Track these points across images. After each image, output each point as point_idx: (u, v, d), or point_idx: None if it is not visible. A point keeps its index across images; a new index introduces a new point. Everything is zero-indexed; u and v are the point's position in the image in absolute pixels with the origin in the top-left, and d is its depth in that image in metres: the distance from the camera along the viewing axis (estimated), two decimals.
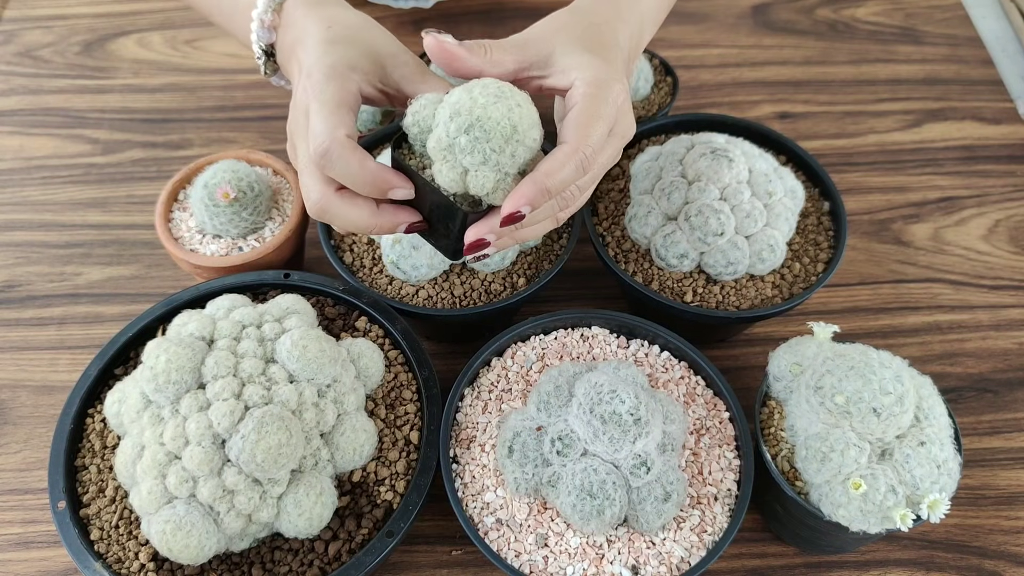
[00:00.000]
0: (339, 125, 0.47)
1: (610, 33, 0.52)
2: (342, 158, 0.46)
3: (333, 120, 0.47)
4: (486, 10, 0.99)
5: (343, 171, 0.47)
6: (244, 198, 0.67)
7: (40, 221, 0.80)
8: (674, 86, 0.80)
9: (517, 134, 0.45)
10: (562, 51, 0.49)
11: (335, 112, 0.47)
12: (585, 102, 0.47)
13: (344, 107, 0.48)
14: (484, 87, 0.46)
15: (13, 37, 0.95)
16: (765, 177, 0.64)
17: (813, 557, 0.61)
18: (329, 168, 0.47)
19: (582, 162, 0.46)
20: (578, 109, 0.47)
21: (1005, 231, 0.80)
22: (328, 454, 0.53)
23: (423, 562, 0.61)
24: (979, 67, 0.93)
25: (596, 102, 0.47)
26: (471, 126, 0.45)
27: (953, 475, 0.52)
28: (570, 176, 0.46)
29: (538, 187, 0.45)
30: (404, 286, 0.64)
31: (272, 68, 0.58)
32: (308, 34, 0.52)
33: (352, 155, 0.46)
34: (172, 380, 0.49)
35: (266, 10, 0.54)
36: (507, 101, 0.45)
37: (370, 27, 0.53)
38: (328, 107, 0.47)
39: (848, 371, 0.53)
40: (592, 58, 0.49)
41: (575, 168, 0.46)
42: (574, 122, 0.47)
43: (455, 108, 0.45)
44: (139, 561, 0.51)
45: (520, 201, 0.45)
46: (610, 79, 0.48)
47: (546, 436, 0.53)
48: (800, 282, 0.66)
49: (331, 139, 0.46)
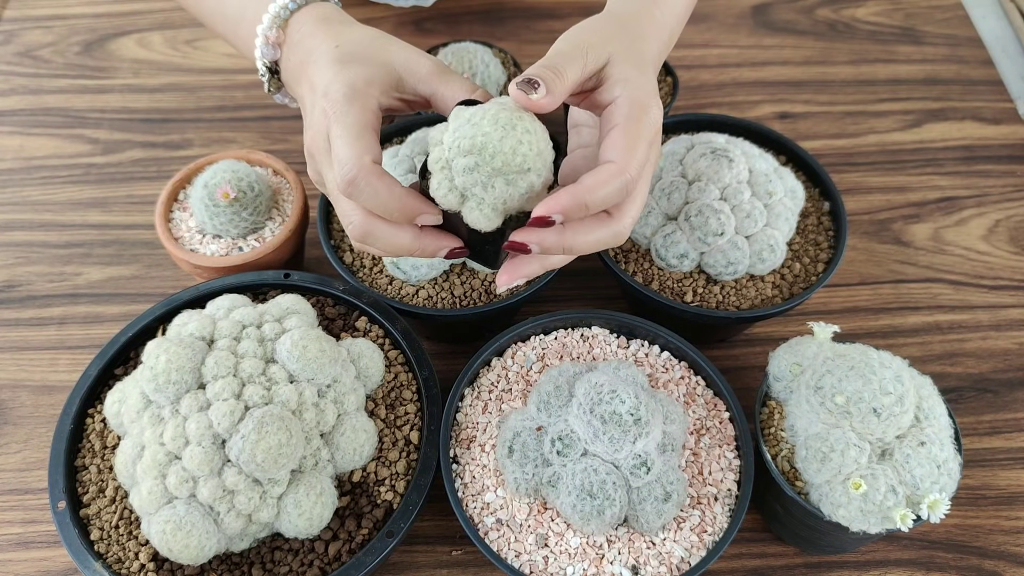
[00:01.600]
0: (365, 151, 0.45)
1: (647, 49, 0.51)
2: (370, 185, 0.45)
3: (359, 146, 0.46)
4: (486, 10, 0.99)
5: (371, 199, 0.45)
6: (244, 198, 0.67)
7: (40, 221, 0.80)
8: (674, 86, 0.80)
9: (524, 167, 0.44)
10: (614, 61, 0.48)
11: (360, 137, 0.46)
12: (629, 123, 0.46)
13: (368, 129, 0.47)
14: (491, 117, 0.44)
15: (13, 37, 0.95)
16: (765, 177, 0.64)
17: (813, 557, 0.61)
18: (356, 196, 0.46)
19: (627, 183, 0.45)
20: (622, 129, 0.46)
21: (1005, 231, 0.80)
22: (328, 454, 0.53)
23: (423, 562, 0.61)
24: (979, 67, 0.93)
25: (640, 125, 0.46)
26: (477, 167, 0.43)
27: (953, 475, 0.52)
28: (613, 195, 0.45)
29: (576, 200, 0.44)
30: (404, 286, 0.64)
31: (276, 86, 0.57)
32: (318, 53, 0.51)
33: (379, 182, 0.45)
34: (172, 380, 0.49)
35: (271, 26, 0.53)
36: (514, 134, 0.43)
37: (379, 39, 0.52)
38: (352, 131, 0.46)
39: (848, 371, 0.53)
40: (636, 74, 0.48)
41: (619, 188, 0.45)
42: (620, 143, 0.45)
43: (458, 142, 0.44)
44: (139, 561, 0.51)
45: (554, 208, 0.44)
46: (650, 101, 0.47)
47: (546, 436, 0.53)
48: (800, 282, 0.66)
49: (358, 167, 0.45)
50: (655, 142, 0.48)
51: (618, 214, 0.47)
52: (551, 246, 0.46)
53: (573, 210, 0.44)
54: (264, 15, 0.53)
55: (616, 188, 0.45)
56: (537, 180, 0.45)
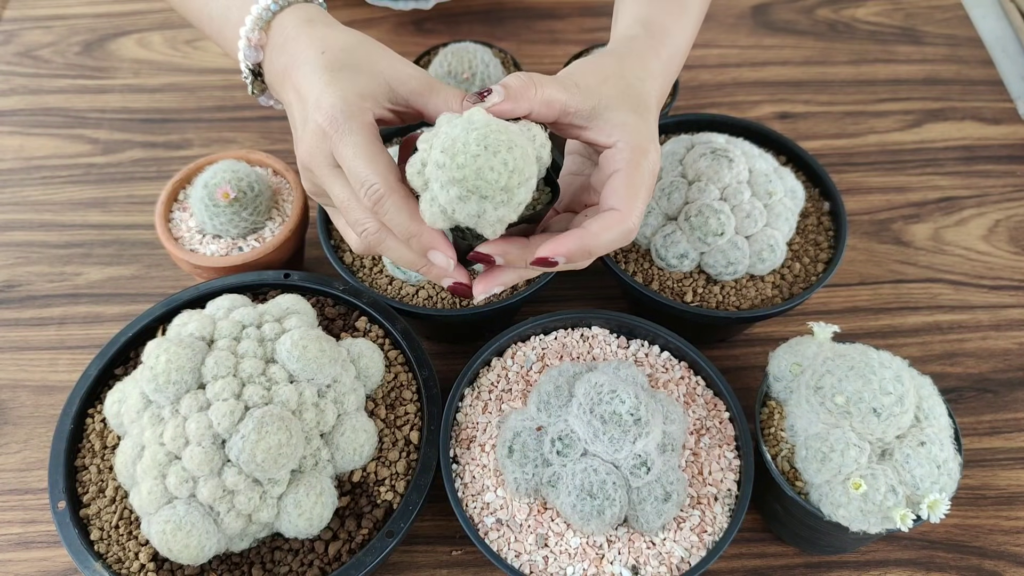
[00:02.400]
0: (389, 170, 0.45)
1: (647, 91, 0.51)
2: (395, 206, 0.45)
3: (380, 164, 0.45)
4: (486, 10, 0.99)
5: (395, 219, 0.45)
6: (244, 198, 0.67)
7: (40, 221, 0.80)
8: (674, 86, 0.80)
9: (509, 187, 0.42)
10: (606, 105, 0.48)
11: (378, 154, 0.45)
12: (630, 169, 0.47)
13: (378, 144, 0.46)
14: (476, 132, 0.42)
15: (13, 37, 0.95)
16: (765, 177, 0.64)
17: (813, 557, 0.61)
18: (382, 214, 0.45)
19: (629, 231, 0.46)
20: (624, 176, 0.47)
21: (1005, 231, 0.80)
22: (328, 454, 0.53)
23: (423, 562, 0.61)
24: (979, 67, 0.93)
25: (640, 171, 0.47)
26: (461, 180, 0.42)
27: (953, 475, 0.52)
28: (615, 242, 0.46)
29: (583, 245, 0.45)
30: (404, 286, 0.64)
31: (260, 88, 0.56)
32: (303, 59, 0.49)
33: (406, 205, 0.45)
34: (172, 380, 0.49)
35: (253, 28, 0.52)
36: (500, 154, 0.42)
37: (365, 45, 0.51)
38: (367, 150, 0.45)
39: (848, 371, 0.53)
40: (634, 119, 0.48)
41: (621, 235, 0.46)
42: (621, 192, 0.46)
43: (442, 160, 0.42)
44: (139, 561, 0.51)
45: (559, 250, 0.45)
46: (649, 146, 0.48)
47: (546, 436, 0.53)
48: (800, 282, 0.66)
49: (386, 187, 0.45)
50: (653, 185, 0.49)
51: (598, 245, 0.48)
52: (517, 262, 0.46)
53: (577, 254, 0.45)
54: (247, 17, 0.52)
55: (618, 235, 0.46)
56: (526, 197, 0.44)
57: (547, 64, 0.93)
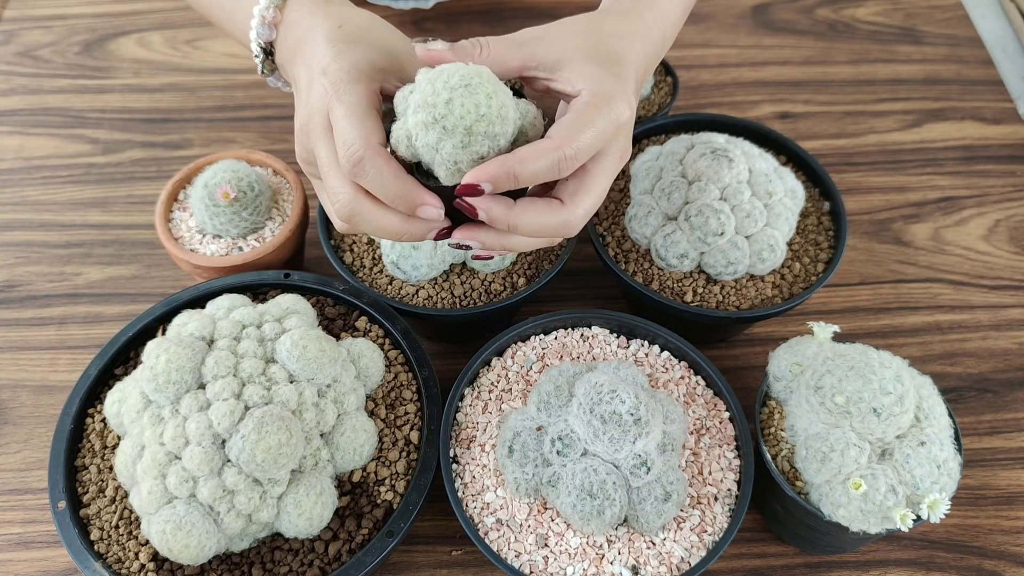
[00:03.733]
0: (372, 131, 0.45)
1: (625, 49, 0.50)
2: (376, 168, 0.44)
3: (366, 126, 0.45)
4: (486, 10, 0.99)
5: (376, 182, 0.45)
6: (244, 198, 0.67)
7: (40, 221, 0.80)
8: (674, 86, 0.80)
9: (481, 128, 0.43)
10: (570, 59, 0.48)
11: (366, 117, 0.46)
12: (584, 109, 0.46)
13: (372, 110, 0.46)
14: (447, 79, 0.43)
15: (13, 37, 0.95)
16: (765, 177, 0.64)
17: (813, 557, 0.61)
18: (361, 177, 0.45)
19: (559, 161, 0.44)
20: (574, 114, 0.46)
21: (1005, 231, 0.80)
22: (328, 454, 0.53)
23: (423, 562, 0.61)
24: (979, 67, 0.93)
25: (595, 112, 0.46)
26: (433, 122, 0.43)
27: (953, 475, 0.52)
28: (543, 170, 0.44)
29: (505, 169, 0.43)
30: (404, 286, 0.64)
31: (270, 68, 0.56)
32: (317, 32, 0.50)
33: (387, 166, 0.45)
34: (172, 380, 0.49)
35: (268, 6, 0.52)
36: (473, 94, 0.43)
37: (382, 26, 0.52)
38: (358, 111, 0.45)
39: (848, 371, 0.53)
40: (602, 72, 0.48)
41: (550, 164, 0.44)
42: (566, 124, 0.45)
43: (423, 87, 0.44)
44: (139, 561, 0.51)
45: (481, 176, 0.43)
46: (616, 96, 0.47)
47: (546, 436, 0.53)
48: (800, 282, 0.66)
49: (366, 147, 0.44)
50: (618, 136, 0.47)
51: (571, 203, 0.47)
52: (497, 218, 0.45)
53: (501, 178, 0.43)
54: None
55: (548, 163, 0.44)
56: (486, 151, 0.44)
57: None
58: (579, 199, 0.47)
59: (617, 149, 0.48)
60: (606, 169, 0.47)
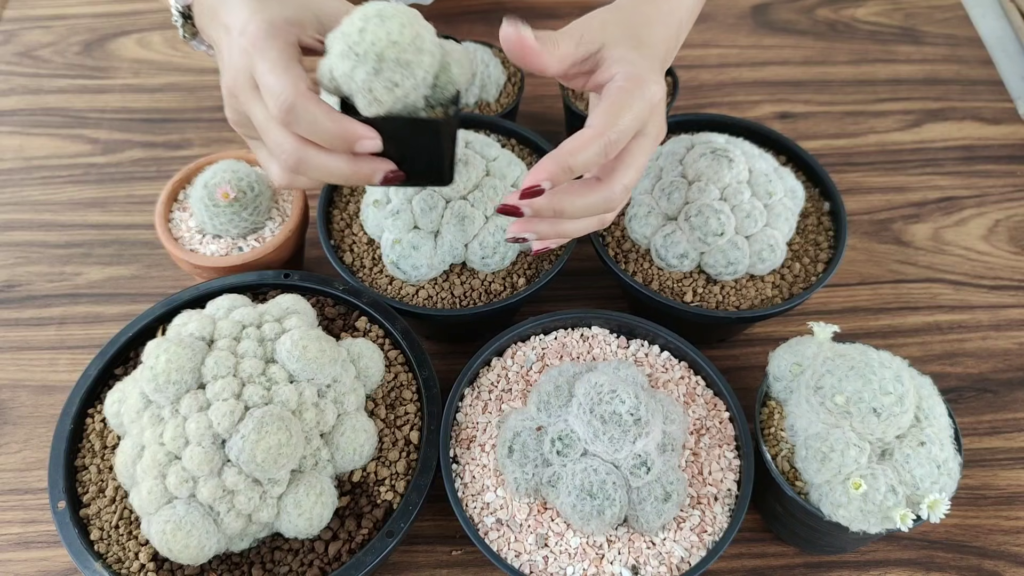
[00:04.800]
0: (298, 79, 0.46)
1: (649, 34, 0.53)
2: (308, 111, 0.45)
3: (291, 74, 0.46)
4: (486, 10, 0.99)
5: (310, 125, 0.45)
6: (244, 198, 0.67)
7: (40, 221, 0.80)
8: (674, 86, 0.80)
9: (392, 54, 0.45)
10: (610, 45, 0.50)
11: (289, 67, 0.46)
12: (618, 94, 0.48)
13: (294, 62, 0.47)
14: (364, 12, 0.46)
15: (13, 37, 0.95)
16: (765, 177, 0.64)
17: (813, 557, 0.61)
18: (295, 123, 0.45)
19: (605, 146, 0.47)
20: (610, 99, 0.48)
21: (1005, 231, 0.80)
22: (328, 454, 0.53)
23: (423, 562, 0.61)
24: (979, 67, 0.93)
25: (629, 96, 0.48)
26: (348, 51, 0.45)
27: (953, 475, 0.52)
28: (592, 158, 0.47)
29: (560, 164, 0.46)
30: (404, 286, 0.64)
31: (191, 31, 0.56)
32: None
33: (318, 107, 0.45)
34: (172, 380, 0.49)
35: None
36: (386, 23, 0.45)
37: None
38: (280, 63, 0.46)
39: (848, 371, 0.53)
40: (633, 55, 0.50)
41: (598, 151, 0.47)
42: (604, 110, 0.47)
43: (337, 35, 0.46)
44: (139, 561, 0.51)
45: (541, 176, 0.46)
46: (647, 78, 0.49)
47: (546, 436, 0.53)
48: (800, 282, 0.66)
49: (295, 93, 0.45)
50: (653, 116, 0.49)
51: (608, 180, 0.49)
52: (542, 208, 0.48)
53: (558, 174, 0.46)
54: None
55: (596, 150, 0.46)
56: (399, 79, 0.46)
57: None
58: (617, 175, 0.49)
59: (653, 128, 0.50)
60: (643, 147, 0.50)
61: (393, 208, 0.63)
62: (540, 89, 0.90)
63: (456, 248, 0.63)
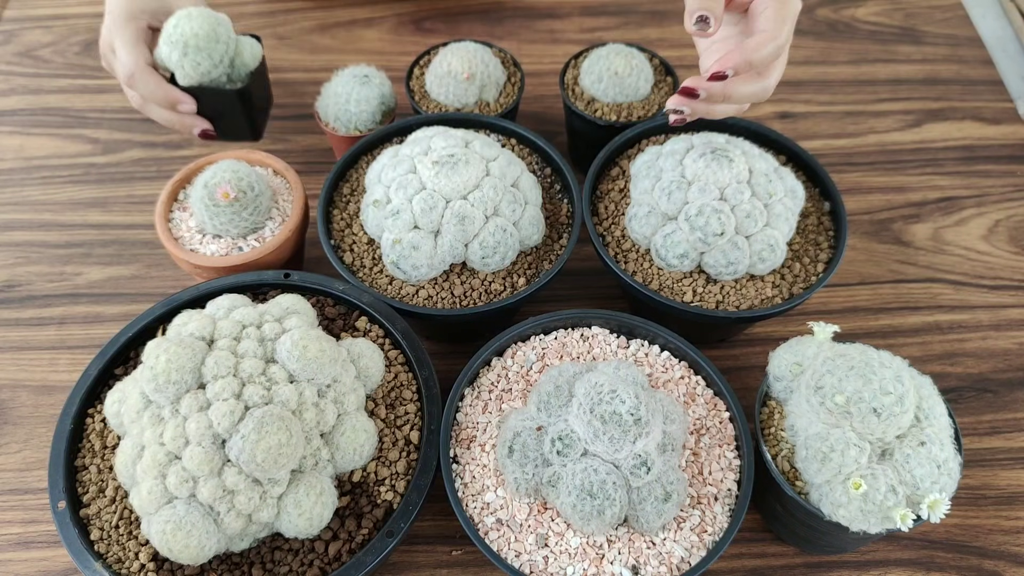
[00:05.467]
0: (141, 55, 0.69)
1: None
2: (143, 80, 0.69)
3: (136, 52, 0.69)
4: (486, 10, 0.99)
5: (146, 89, 0.69)
6: (244, 198, 0.67)
7: (40, 221, 0.80)
8: (674, 86, 0.80)
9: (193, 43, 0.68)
10: None
11: (135, 47, 0.69)
12: (778, 6, 0.56)
13: (141, 42, 0.70)
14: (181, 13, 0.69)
15: (13, 37, 0.95)
16: (765, 177, 0.64)
17: (813, 557, 0.61)
18: (136, 87, 0.69)
19: (779, 47, 0.56)
20: (773, 9, 0.56)
21: (1005, 231, 0.80)
22: (328, 454, 0.53)
23: (423, 562, 0.61)
24: (979, 67, 0.93)
25: (785, 7, 0.56)
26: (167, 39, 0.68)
27: (953, 475, 0.52)
28: (768, 55, 0.55)
29: (744, 58, 0.55)
30: (404, 286, 0.64)
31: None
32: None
33: (152, 78, 0.69)
34: (172, 380, 0.49)
35: None
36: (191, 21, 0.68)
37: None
38: (129, 44, 0.69)
39: (848, 371, 0.53)
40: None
41: (773, 50, 0.55)
42: (771, 18, 0.56)
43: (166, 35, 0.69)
44: (139, 561, 0.51)
45: (728, 64, 0.55)
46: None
47: (546, 436, 0.53)
48: (800, 282, 0.66)
49: (136, 66, 0.69)
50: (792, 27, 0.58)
51: (766, 74, 0.58)
52: (715, 92, 0.57)
53: (741, 65, 0.55)
54: None
55: (771, 50, 0.56)
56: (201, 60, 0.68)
57: (547, 63, 0.93)
58: (773, 72, 0.59)
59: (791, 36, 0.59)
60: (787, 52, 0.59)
61: (393, 208, 0.63)
62: (540, 89, 0.90)
63: (456, 248, 0.63)
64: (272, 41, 0.95)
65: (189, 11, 0.69)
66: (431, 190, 0.63)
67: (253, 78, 0.72)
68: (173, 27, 0.68)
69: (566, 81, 0.81)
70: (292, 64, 0.93)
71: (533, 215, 0.66)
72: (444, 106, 0.79)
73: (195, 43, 0.67)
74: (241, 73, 0.72)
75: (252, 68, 0.72)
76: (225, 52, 0.69)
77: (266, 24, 0.97)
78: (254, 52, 0.72)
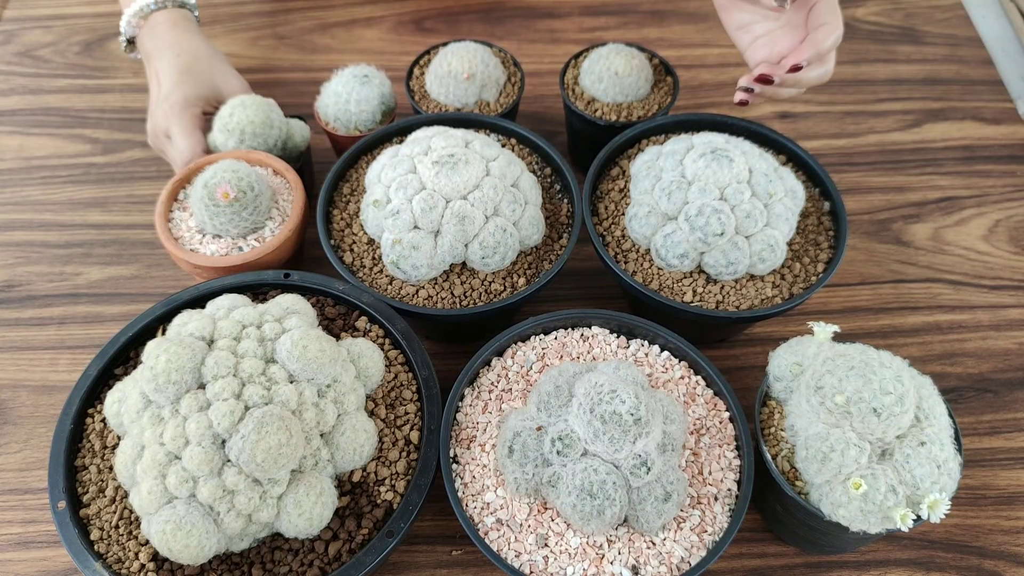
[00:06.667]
0: (197, 143, 0.72)
1: None
2: None
3: (192, 139, 0.72)
4: (486, 9, 0.99)
5: None
6: (244, 198, 0.67)
7: (40, 221, 0.80)
8: (674, 86, 0.80)
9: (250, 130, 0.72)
10: None
11: (191, 134, 0.72)
12: None
13: (196, 129, 0.73)
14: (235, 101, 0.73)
15: (13, 37, 0.95)
16: (765, 177, 0.64)
17: (813, 557, 0.61)
18: None
19: (840, 36, 0.63)
20: (825, 2, 0.62)
21: (1005, 231, 0.80)
22: (328, 454, 0.53)
23: (423, 562, 0.61)
24: (979, 67, 0.93)
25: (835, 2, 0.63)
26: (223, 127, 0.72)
27: (953, 475, 0.52)
28: (830, 45, 0.62)
29: (816, 48, 0.62)
30: (404, 286, 0.64)
31: (131, 50, 0.82)
32: (163, 55, 0.76)
33: None
34: (172, 380, 0.49)
35: (135, 15, 0.79)
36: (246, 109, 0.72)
37: (209, 57, 0.77)
38: (186, 131, 0.72)
39: (848, 371, 0.53)
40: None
41: (834, 41, 0.62)
42: (825, 11, 0.62)
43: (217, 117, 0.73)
44: (139, 561, 0.51)
45: (803, 55, 0.62)
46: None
47: (546, 436, 0.53)
48: (800, 282, 0.66)
49: (193, 153, 0.72)
50: None
51: (824, 61, 0.64)
52: (787, 79, 0.64)
53: (813, 56, 0.63)
54: (132, 5, 0.79)
55: (833, 40, 0.62)
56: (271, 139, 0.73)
57: (547, 63, 0.93)
58: (831, 57, 0.65)
59: None
60: None
61: (393, 208, 0.63)
62: (540, 89, 0.90)
63: (456, 248, 0.63)
64: (272, 41, 0.95)
65: (243, 100, 0.72)
66: (431, 190, 0.63)
67: (303, 157, 0.77)
68: (228, 115, 0.71)
69: (566, 81, 0.81)
70: (292, 64, 0.93)
71: (533, 215, 0.66)
72: (444, 106, 0.79)
73: (251, 130, 0.72)
74: (292, 154, 0.76)
75: (302, 149, 0.76)
76: (279, 136, 0.73)
77: (266, 24, 0.97)
78: (303, 134, 0.76)
